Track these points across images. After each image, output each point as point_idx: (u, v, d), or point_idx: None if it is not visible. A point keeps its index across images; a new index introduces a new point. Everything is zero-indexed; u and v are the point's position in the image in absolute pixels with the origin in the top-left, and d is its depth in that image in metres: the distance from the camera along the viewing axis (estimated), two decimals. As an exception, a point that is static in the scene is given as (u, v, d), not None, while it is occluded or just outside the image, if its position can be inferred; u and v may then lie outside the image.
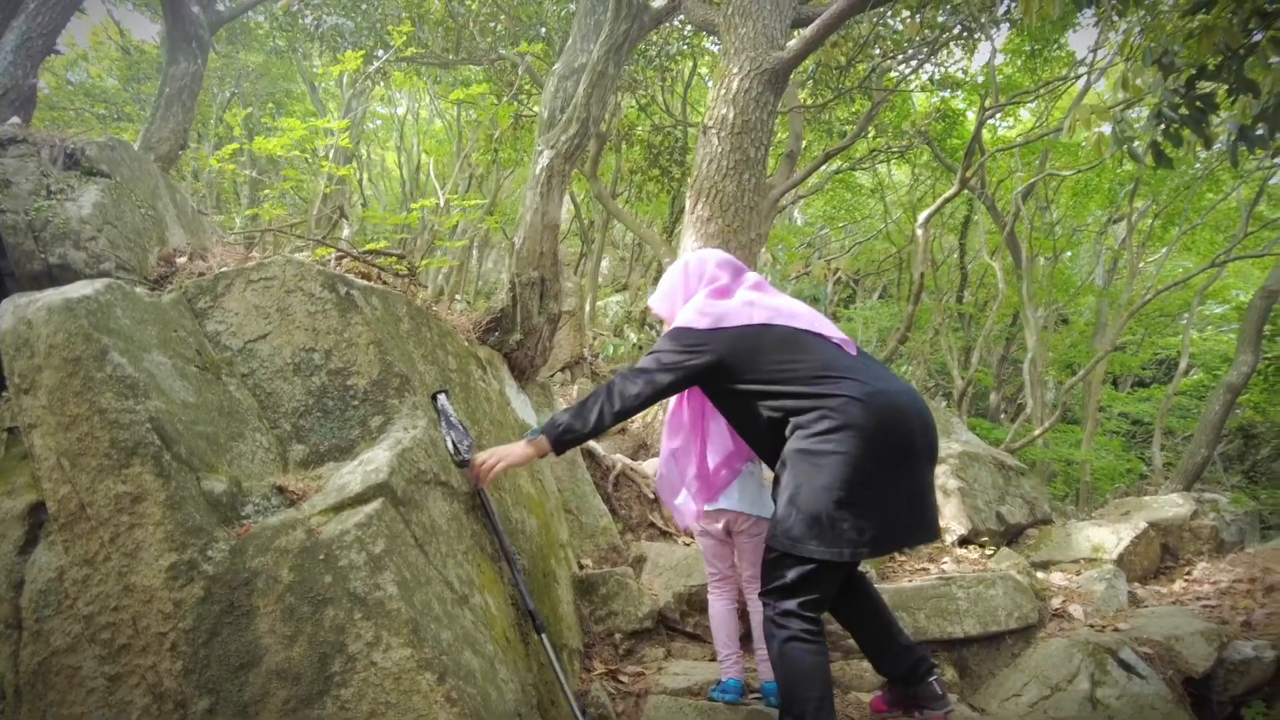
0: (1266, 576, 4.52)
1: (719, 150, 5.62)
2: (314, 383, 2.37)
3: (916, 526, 2.34)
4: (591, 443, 4.60)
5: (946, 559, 4.45)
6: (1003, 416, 15.96)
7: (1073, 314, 16.95)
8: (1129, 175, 12.37)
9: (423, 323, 2.88)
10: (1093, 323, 15.81)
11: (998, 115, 13.07)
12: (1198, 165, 11.52)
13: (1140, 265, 15.00)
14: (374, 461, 2.15)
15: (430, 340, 2.90)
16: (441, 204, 3.47)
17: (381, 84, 12.30)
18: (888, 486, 2.24)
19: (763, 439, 2.49)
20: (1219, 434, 6.86)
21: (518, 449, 2.50)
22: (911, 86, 11.54)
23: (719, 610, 3.00)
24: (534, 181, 3.56)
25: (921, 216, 8.66)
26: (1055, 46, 11.85)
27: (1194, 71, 3.23)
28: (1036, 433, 9.47)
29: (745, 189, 5.59)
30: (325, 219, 5.01)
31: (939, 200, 8.87)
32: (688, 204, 5.66)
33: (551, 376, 9.37)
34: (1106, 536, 4.86)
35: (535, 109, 11.31)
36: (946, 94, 12.12)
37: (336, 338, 2.44)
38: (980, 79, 12.29)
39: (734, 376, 2.41)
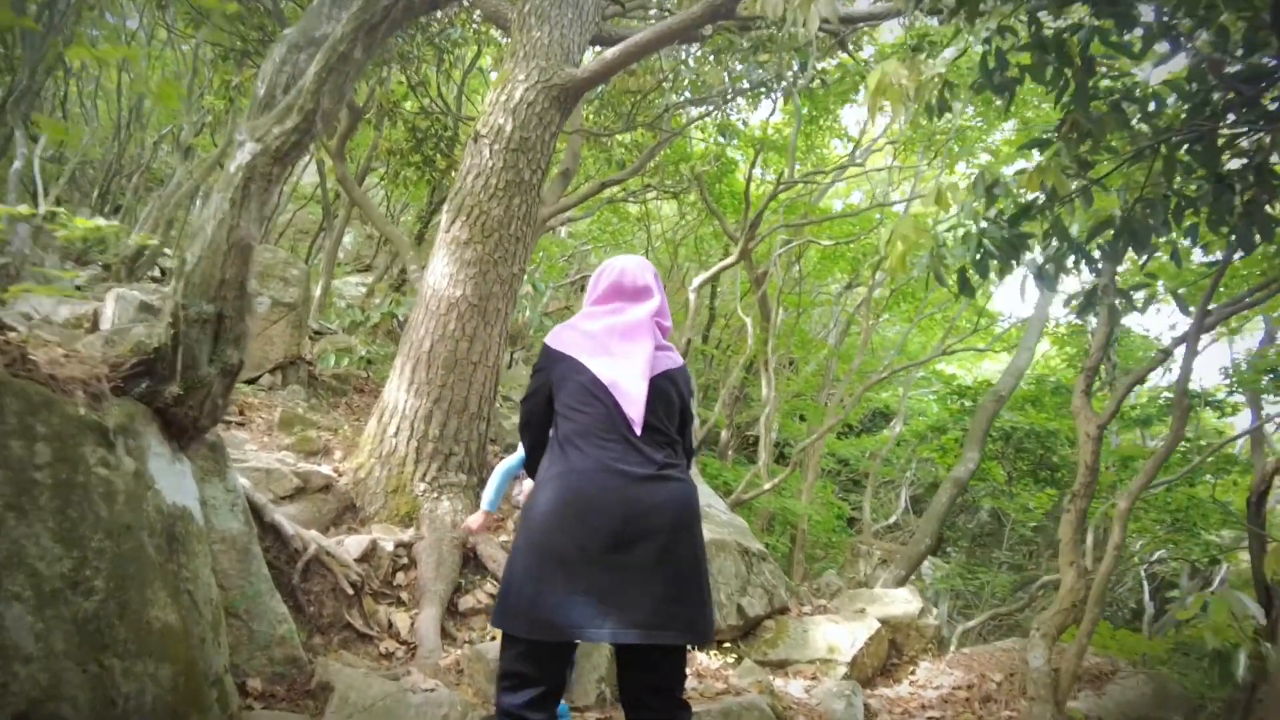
0: (983, 684, 4.62)
1: (489, 165, 4.83)
2: None
3: (609, 621, 2.01)
4: (278, 517, 3.58)
5: (688, 672, 4.01)
6: (730, 454, 16.63)
7: (801, 362, 18.18)
8: (872, 248, 13.35)
9: (-15, 395, 1.80)
10: (819, 373, 17.00)
11: (762, 164, 13.55)
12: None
13: (870, 324, 16.44)
14: None
15: (1, 427, 1.82)
16: (40, 213, 2.34)
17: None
18: (577, 571, 2.02)
19: None
20: (943, 523, 7.31)
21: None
22: (694, 130, 11.50)
23: None
24: (226, 183, 2.55)
25: (695, 281, 8.46)
26: (830, 118, 12.49)
27: (1018, 209, 3.05)
28: (766, 486, 9.69)
29: (514, 215, 4.85)
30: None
31: (715, 268, 8.71)
32: (444, 219, 4.81)
33: (258, 378, 7.93)
34: (842, 637, 4.75)
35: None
36: (724, 140, 12.29)
37: None
38: (758, 132, 12.64)
39: (555, 403, 2.29)
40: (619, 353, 2.24)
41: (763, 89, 6.14)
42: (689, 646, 2.34)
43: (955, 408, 14.76)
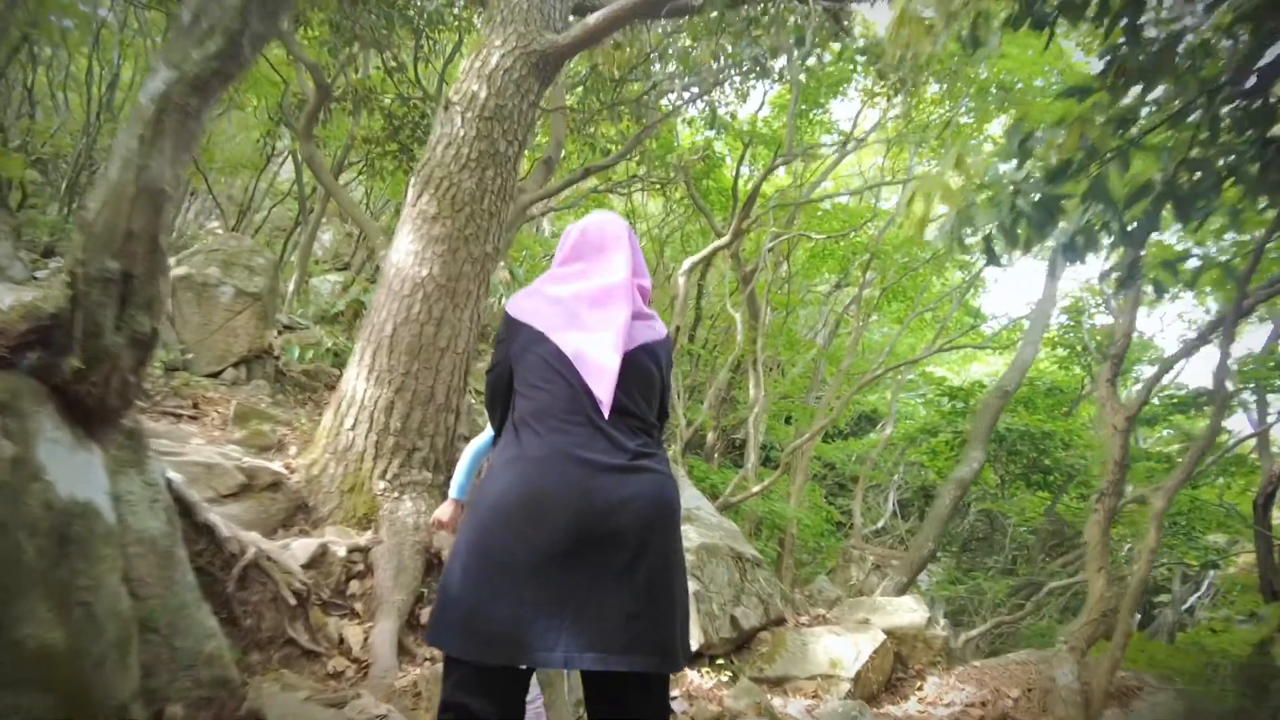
0: (998, 700, 4.25)
1: (461, 134, 4.42)
2: None
3: (561, 642, 1.63)
4: (214, 517, 3.15)
5: (676, 693, 3.61)
6: (716, 456, 16.23)
7: (787, 363, 17.83)
8: (862, 246, 13.03)
9: None
10: (807, 375, 16.62)
11: (751, 159, 13.20)
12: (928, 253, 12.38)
13: (860, 324, 16.10)
14: None
15: None
16: None
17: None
18: (525, 579, 1.65)
19: None
20: (945, 527, 6.91)
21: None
22: (681, 118, 11.13)
23: None
24: (135, 117, 2.14)
25: (685, 264, 8.04)
26: (821, 110, 12.16)
27: (1055, 168, 2.68)
28: (755, 489, 9.31)
29: (487, 189, 4.44)
30: None
31: (707, 249, 8.29)
32: (410, 193, 4.40)
33: (221, 372, 7.50)
34: (845, 650, 4.36)
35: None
36: (711, 134, 11.94)
37: None
38: (746, 125, 12.30)
39: (515, 379, 1.92)
40: (591, 323, 1.89)
41: (757, 67, 5.78)
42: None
43: (947, 409, 14.48)
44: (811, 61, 6.00)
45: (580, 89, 9.20)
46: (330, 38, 7.24)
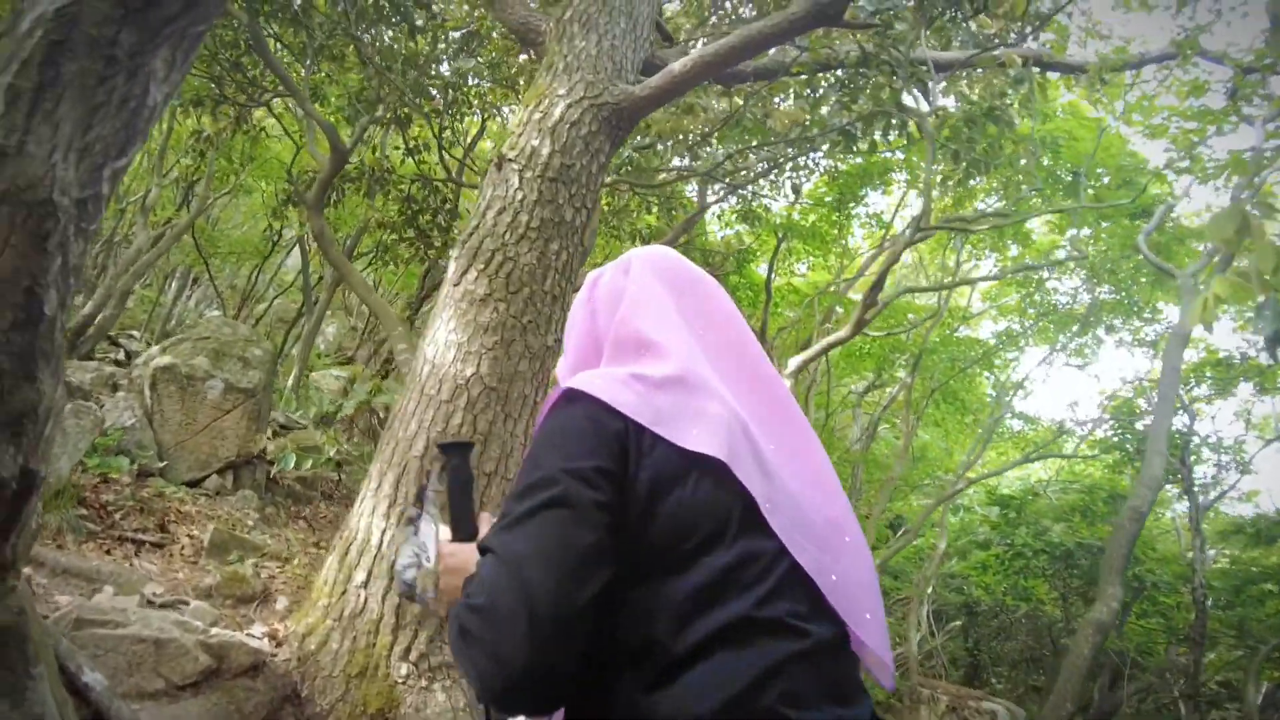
0: None
1: (520, 197, 3.49)
2: None
3: None
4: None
5: None
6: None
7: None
8: (903, 345, 12.18)
9: None
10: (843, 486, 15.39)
11: (786, 252, 12.52)
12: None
13: (881, 431, 15.02)
14: None
15: None
16: None
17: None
18: None
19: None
20: (1085, 681, 5.67)
21: None
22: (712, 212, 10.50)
23: None
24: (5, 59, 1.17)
25: (792, 364, 7.03)
26: (854, 203, 11.53)
27: None
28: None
29: (550, 265, 3.48)
30: None
31: (821, 345, 7.27)
32: (452, 268, 3.43)
33: (204, 480, 6.46)
34: None
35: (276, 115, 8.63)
36: (744, 228, 11.30)
37: None
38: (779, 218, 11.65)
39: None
40: (787, 475, 0.98)
41: (841, 138, 4.98)
42: None
43: (997, 520, 13.31)
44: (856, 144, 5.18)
45: (625, 168, 8.47)
46: (349, 105, 6.46)
